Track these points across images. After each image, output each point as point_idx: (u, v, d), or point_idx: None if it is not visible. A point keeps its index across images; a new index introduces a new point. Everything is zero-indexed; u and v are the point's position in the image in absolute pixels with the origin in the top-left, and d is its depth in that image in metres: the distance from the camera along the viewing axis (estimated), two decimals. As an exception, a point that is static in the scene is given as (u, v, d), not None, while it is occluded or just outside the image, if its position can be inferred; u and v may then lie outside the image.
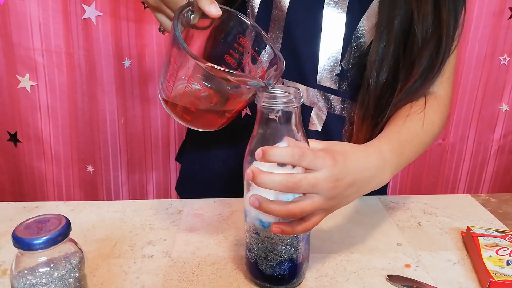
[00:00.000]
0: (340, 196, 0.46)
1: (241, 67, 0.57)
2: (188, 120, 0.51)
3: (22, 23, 1.04)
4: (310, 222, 0.45)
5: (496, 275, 0.48)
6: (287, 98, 0.43)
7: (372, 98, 0.63)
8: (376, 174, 0.50)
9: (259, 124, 0.45)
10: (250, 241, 0.49)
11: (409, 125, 0.58)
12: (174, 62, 0.47)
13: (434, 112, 0.62)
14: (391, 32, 0.60)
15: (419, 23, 0.58)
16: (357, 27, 0.63)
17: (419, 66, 0.60)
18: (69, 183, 1.21)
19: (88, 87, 1.11)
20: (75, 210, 0.68)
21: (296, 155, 0.42)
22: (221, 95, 0.48)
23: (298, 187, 0.42)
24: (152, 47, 1.12)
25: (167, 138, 1.22)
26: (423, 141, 0.60)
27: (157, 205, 0.70)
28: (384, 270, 0.53)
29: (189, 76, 0.46)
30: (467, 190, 1.28)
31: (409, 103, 0.62)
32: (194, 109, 0.50)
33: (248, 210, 0.48)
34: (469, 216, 0.67)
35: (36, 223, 0.39)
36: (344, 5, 0.62)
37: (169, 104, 0.51)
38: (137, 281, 0.51)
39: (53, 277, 0.38)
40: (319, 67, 0.65)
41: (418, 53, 0.59)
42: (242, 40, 0.54)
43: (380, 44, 0.60)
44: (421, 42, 0.59)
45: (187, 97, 0.48)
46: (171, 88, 0.49)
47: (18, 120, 1.14)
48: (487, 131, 1.24)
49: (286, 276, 0.48)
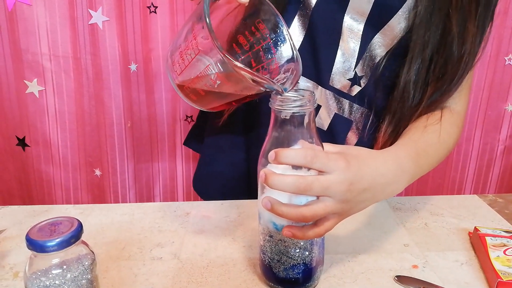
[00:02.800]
0: (354, 201, 0.46)
1: (252, 51, 0.55)
2: (193, 100, 0.51)
3: (29, 29, 1.05)
4: (322, 228, 0.45)
5: (504, 275, 0.48)
6: (301, 101, 0.43)
7: (403, 116, 0.63)
8: (392, 181, 0.49)
9: (273, 127, 0.45)
10: (264, 243, 0.49)
11: (426, 136, 0.59)
12: (195, 42, 0.45)
13: (451, 126, 0.63)
14: (426, 51, 0.60)
15: (458, 42, 0.59)
16: (373, 38, 0.64)
17: (447, 81, 0.61)
18: (77, 187, 1.22)
19: (95, 91, 1.12)
20: (84, 213, 0.69)
21: (308, 156, 0.41)
22: (234, 87, 0.48)
23: (310, 189, 0.42)
24: (157, 51, 1.13)
25: (173, 141, 1.22)
26: (439, 153, 0.60)
27: (165, 208, 0.70)
28: (391, 270, 0.53)
29: (208, 65, 0.45)
30: (474, 191, 1.28)
31: (425, 114, 0.63)
32: (203, 93, 0.49)
33: (262, 212, 0.48)
34: (476, 217, 0.67)
35: (49, 226, 0.39)
36: (364, 16, 0.62)
37: (177, 81, 0.50)
38: (146, 282, 0.52)
39: (66, 278, 0.39)
40: (333, 69, 0.65)
41: (451, 70, 0.60)
42: (261, 25, 0.52)
43: (413, 65, 0.61)
44: (457, 59, 0.59)
45: (199, 82, 0.47)
46: (183, 66, 0.47)
47: (26, 124, 1.15)
48: (493, 132, 1.24)
49: (300, 279, 0.48)
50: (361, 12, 0.62)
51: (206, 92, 0.49)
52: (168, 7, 1.09)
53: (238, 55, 0.53)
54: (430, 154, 0.58)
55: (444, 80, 0.61)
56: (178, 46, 0.48)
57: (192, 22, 0.46)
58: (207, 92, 0.49)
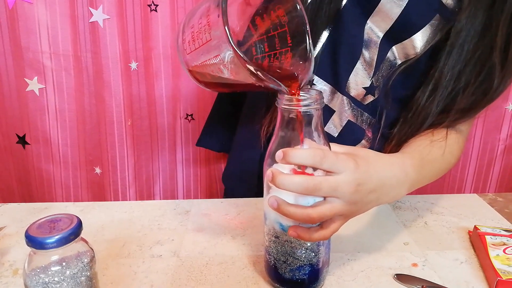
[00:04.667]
0: (361, 202, 0.45)
1: (268, 36, 0.51)
2: (198, 79, 0.50)
3: (30, 27, 1.05)
4: (328, 230, 0.44)
5: (503, 273, 0.48)
6: (308, 100, 0.43)
7: (411, 136, 0.63)
8: (396, 185, 0.49)
9: (280, 126, 0.45)
10: (270, 244, 0.48)
11: (431, 150, 0.59)
12: (208, 28, 0.43)
13: (454, 145, 0.63)
14: (457, 83, 0.60)
15: (499, 81, 0.59)
16: (390, 50, 0.63)
17: (472, 112, 0.62)
18: (77, 185, 1.21)
19: (96, 89, 1.12)
20: (84, 210, 0.69)
21: (317, 156, 0.41)
22: (241, 80, 0.47)
23: (318, 189, 0.41)
24: (158, 49, 1.13)
25: (173, 139, 1.22)
26: (441, 168, 0.61)
27: (165, 206, 0.70)
28: (391, 269, 0.53)
29: (218, 55, 0.43)
30: (474, 190, 1.28)
31: (431, 129, 0.63)
32: (209, 77, 0.48)
33: (268, 212, 0.47)
34: (476, 216, 0.67)
35: (49, 223, 0.39)
36: (386, 26, 0.61)
37: (185, 60, 0.49)
38: (146, 280, 0.52)
39: (65, 275, 0.39)
40: (351, 75, 0.65)
41: (481, 103, 0.61)
42: (280, 12, 0.49)
43: (438, 97, 0.61)
44: (494, 95, 0.60)
45: (207, 68, 0.46)
46: (193, 47, 0.46)
47: (27, 122, 1.15)
48: (493, 131, 1.24)
49: (306, 281, 0.48)
50: (384, 22, 0.61)
51: (212, 76, 0.48)
52: (169, 5, 1.09)
53: (252, 37, 0.50)
54: (432, 168, 0.58)
55: (469, 111, 0.61)
56: (191, 25, 0.46)
57: (210, 4, 0.44)
58: (213, 77, 0.48)
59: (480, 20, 0.57)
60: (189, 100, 1.17)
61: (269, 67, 0.50)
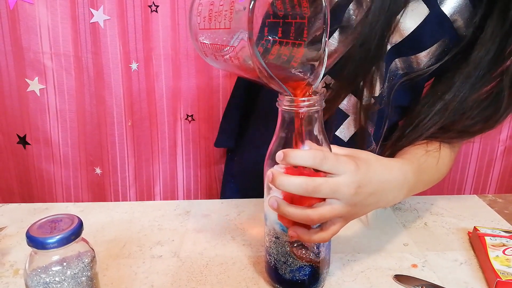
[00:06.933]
0: (360, 204, 0.45)
1: (284, 22, 0.48)
2: (205, 55, 0.48)
3: (31, 27, 1.05)
4: (328, 232, 0.44)
5: (503, 274, 0.48)
6: (309, 102, 0.43)
7: (404, 146, 0.63)
8: (394, 189, 0.49)
9: (280, 127, 0.45)
10: (270, 244, 0.48)
11: (426, 159, 0.59)
12: (229, 16, 0.41)
13: (446, 157, 0.63)
14: (465, 105, 0.60)
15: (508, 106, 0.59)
16: (393, 61, 0.62)
17: (474, 134, 0.62)
18: (78, 185, 1.22)
19: (96, 90, 1.12)
20: (85, 211, 0.69)
21: (317, 158, 0.41)
22: (247, 72, 0.45)
23: (318, 191, 0.41)
24: (158, 50, 1.13)
25: (174, 140, 1.22)
26: (434, 177, 0.61)
27: (165, 206, 0.70)
28: (391, 270, 0.53)
29: (233, 46, 0.42)
30: (474, 191, 1.28)
31: (425, 140, 0.63)
32: (216, 59, 0.47)
33: (268, 213, 0.47)
34: (475, 217, 0.67)
35: (49, 223, 0.40)
36: (395, 40, 0.60)
37: (195, 31, 0.47)
38: (146, 280, 0.52)
39: (66, 275, 0.39)
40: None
41: (488, 126, 0.61)
42: (305, 3, 0.46)
43: (443, 117, 0.61)
44: (502, 119, 0.60)
45: (216, 51, 0.45)
46: (207, 25, 0.44)
47: (27, 123, 1.15)
48: (493, 132, 1.23)
49: (306, 281, 0.48)
50: (395, 35, 0.60)
51: (218, 58, 0.46)
52: (169, 6, 1.09)
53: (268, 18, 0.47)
54: (428, 175, 0.59)
55: (467, 134, 0.62)
56: (211, 2, 0.44)
57: None
58: (219, 59, 0.46)
59: (495, 48, 0.57)
60: (189, 101, 1.17)
61: (277, 56, 0.47)
